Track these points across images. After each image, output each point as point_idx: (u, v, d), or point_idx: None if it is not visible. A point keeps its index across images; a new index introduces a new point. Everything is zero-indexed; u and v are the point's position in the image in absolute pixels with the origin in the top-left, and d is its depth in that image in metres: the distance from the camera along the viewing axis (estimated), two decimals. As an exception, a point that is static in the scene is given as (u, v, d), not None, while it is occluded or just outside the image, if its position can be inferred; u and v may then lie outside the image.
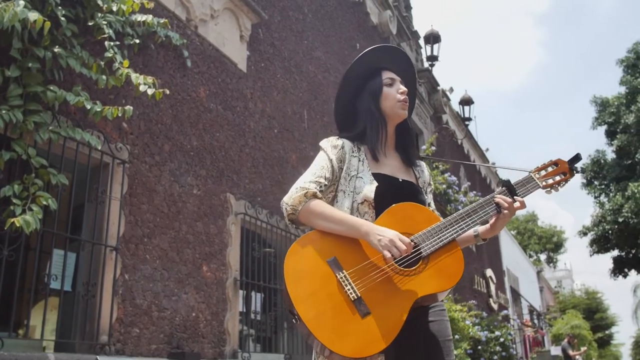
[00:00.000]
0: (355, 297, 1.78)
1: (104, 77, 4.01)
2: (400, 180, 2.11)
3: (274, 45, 7.16)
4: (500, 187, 2.07)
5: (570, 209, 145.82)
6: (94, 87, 4.20)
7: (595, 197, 12.19)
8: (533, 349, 19.91)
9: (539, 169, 2.12)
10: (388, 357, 1.87)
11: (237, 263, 5.64)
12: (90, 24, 4.13)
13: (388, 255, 1.80)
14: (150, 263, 4.61)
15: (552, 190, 2.12)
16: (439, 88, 13.33)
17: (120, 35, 4.50)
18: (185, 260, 4.98)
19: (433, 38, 11.10)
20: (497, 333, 11.44)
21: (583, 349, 15.32)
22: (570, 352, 13.51)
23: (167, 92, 4.42)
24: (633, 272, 12.72)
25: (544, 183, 2.09)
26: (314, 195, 2.01)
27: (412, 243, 1.85)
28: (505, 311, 15.44)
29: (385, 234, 1.83)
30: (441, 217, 2.01)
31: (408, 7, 12.78)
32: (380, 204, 1.98)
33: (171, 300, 4.74)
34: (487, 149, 16.59)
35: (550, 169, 2.12)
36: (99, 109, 3.80)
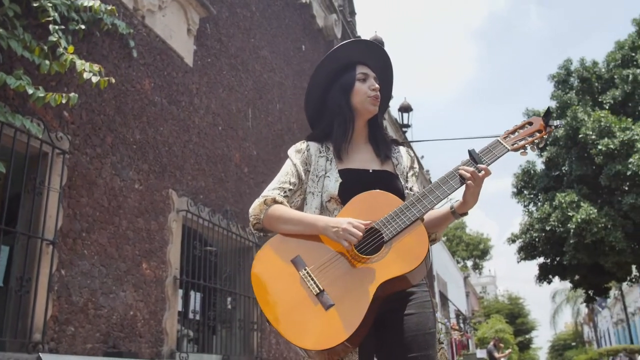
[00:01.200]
0: (318, 291, 1.78)
1: (47, 61, 3.83)
2: (371, 171, 2.08)
3: (221, 41, 7.05)
4: (466, 159, 1.97)
5: (495, 218, 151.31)
6: (35, 72, 3.99)
7: (525, 206, 12.67)
8: (459, 352, 20.46)
9: (509, 132, 2.02)
10: (367, 352, 1.85)
11: (177, 261, 5.50)
12: (34, 5, 3.92)
13: (345, 244, 1.80)
14: (88, 259, 4.42)
15: (529, 150, 2.01)
16: (379, 94, 13.49)
17: (65, 19, 4.30)
18: (125, 257, 4.81)
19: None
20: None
21: (508, 351, 15.87)
22: (496, 355, 13.96)
23: (113, 80, 4.25)
24: (557, 279, 13.32)
25: (514, 145, 1.98)
26: (274, 201, 2.02)
27: (369, 225, 1.84)
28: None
29: (338, 224, 1.83)
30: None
31: (352, 13, 12.89)
32: (348, 198, 1.96)
33: (109, 298, 4.56)
34: (423, 157, 16.94)
35: (522, 130, 2.02)
36: (41, 95, 3.61)
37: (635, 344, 27.09)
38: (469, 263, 45.43)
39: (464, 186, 1.91)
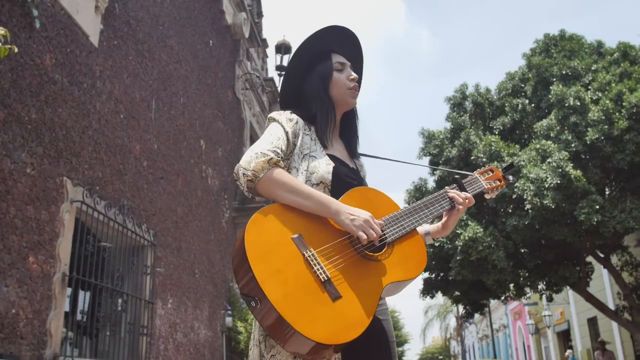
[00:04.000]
0: (325, 279, 1.58)
1: (-61, 17, 3.31)
2: (351, 166, 1.99)
3: (129, 24, 6.60)
4: (452, 185, 2.05)
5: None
6: None
7: (416, 222, 12.98)
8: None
9: (481, 172, 2.15)
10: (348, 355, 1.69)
11: (67, 256, 5.00)
12: None
13: (364, 236, 1.65)
14: (-33, 247, 3.88)
15: (491, 195, 2.13)
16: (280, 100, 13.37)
17: (-37, -27, 3.77)
18: (10, 248, 4.29)
19: (284, 48, 11.11)
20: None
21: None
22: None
23: (16, 50, 3.77)
24: (439, 294, 13.82)
25: (488, 185, 2.11)
26: (277, 164, 1.76)
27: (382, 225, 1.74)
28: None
29: (359, 215, 1.68)
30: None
31: (260, 15, 12.72)
32: (336, 187, 1.82)
33: (-12, 294, 4.03)
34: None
35: (488, 175, 2.15)
36: None
37: (497, 358, 28.89)
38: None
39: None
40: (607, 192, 11.18)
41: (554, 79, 11.34)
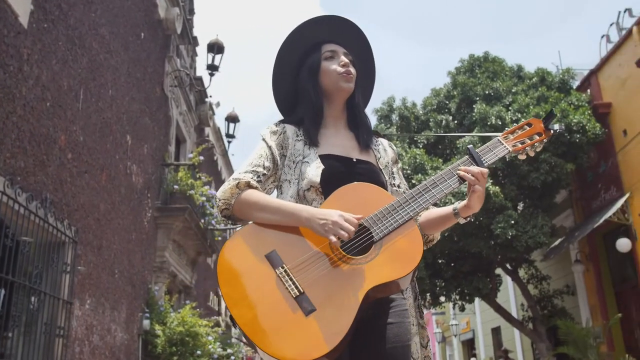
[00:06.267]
0: (297, 294, 1.53)
1: None
2: (355, 160, 1.88)
3: (61, 8, 6.25)
4: (464, 158, 1.81)
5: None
6: None
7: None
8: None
9: (508, 132, 1.90)
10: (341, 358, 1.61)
11: (-17, 250, 4.64)
12: None
13: (334, 239, 1.57)
14: None
15: (527, 154, 1.89)
16: (207, 100, 13.14)
17: None
18: None
19: (217, 48, 10.90)
20: (229, 350, 11.43)
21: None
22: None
23: (-55, 23, 3.47)
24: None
25: (514, 146, 1.86)
26: (248, 185, 1.75)
27: (360, 221, 1.64)
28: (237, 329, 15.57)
29: (328, 217, 1.60)
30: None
31: (192, 12, 12.44)
32: (330, 188, 1.74)
33: None
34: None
35: (521, 131, 1.90)
36: None
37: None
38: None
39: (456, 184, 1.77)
40: (519, 209, 11.75)
41: (477, 98, 11.78)
